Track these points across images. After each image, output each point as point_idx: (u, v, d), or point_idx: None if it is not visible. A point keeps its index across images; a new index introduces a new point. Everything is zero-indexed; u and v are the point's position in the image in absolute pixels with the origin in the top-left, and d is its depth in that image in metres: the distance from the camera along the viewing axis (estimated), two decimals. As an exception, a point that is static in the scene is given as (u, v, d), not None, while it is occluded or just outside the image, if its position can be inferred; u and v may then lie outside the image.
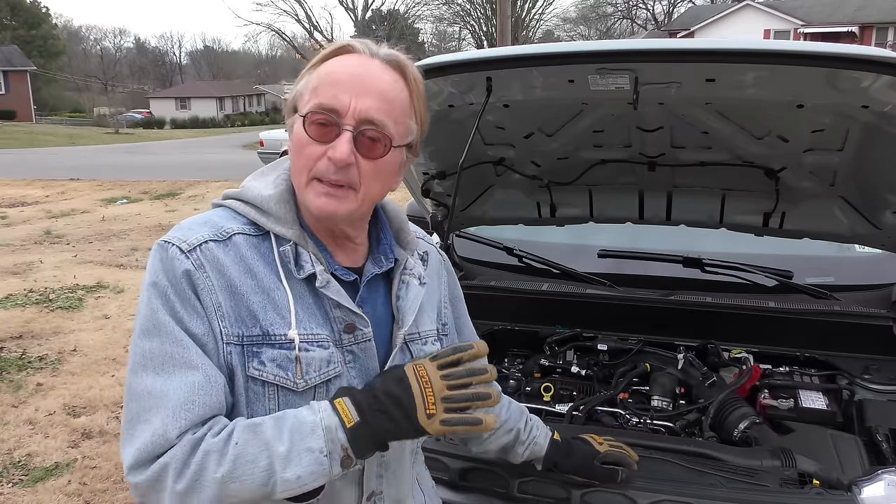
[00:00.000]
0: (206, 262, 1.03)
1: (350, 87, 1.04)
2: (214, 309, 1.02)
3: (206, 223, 1.09)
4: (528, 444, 1.46)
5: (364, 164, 1.05)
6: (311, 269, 1.07)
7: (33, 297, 6.65)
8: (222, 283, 1.03)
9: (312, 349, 1.06)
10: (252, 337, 1.04)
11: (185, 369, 0.99)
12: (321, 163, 1.04)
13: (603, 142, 2.33)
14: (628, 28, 50.91)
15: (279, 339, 1.05)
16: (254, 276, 1.06)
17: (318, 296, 1.08)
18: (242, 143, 29.56)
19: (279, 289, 1.06)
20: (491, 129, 2.35)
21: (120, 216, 11.71)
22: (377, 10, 50.43)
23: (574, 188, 2.53)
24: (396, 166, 1.12)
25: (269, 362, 1.04)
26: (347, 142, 1.03)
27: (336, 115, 1.03)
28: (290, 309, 1.06)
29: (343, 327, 1.10)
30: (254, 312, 1.04)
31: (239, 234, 1.08)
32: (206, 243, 1.05)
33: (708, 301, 2.29)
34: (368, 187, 1.07)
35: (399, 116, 1.08)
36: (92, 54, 76.61)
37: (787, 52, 1.78)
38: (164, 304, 1.01)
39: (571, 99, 2.11)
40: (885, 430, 1.76)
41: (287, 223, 1.09)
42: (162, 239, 1.07)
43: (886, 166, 2.03)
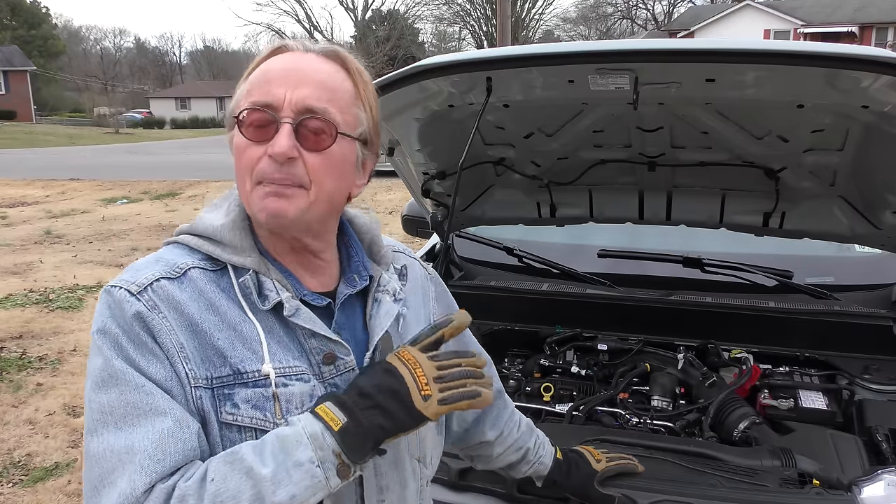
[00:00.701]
0: (159, 301, 0.93)
1: (284, 79, 0.96)
2: (176, 350, 0.92)
3: (158, 261, 0.99)
4: (534, 464, 1.44)
5: (310, 158, 0.95)
6: (276, 297, 0.97)
7: (33, 297, 6.66)
8: (181, 322, 0.93)
9: (291, 383, 0.96)
10: (222, 378, 0.93)
11: (151, 417, 0.88)
12: (262, 163, 0.95)
13: (603, 142, 2.33)
14: (628, 28, 50.94)
15: (252, 377, 0.94)
16: (216, 311, 0.95)
17: (290, 327, 0.99)
18: (242, 143, 29.48)
19: (245, 321, 0.96)
20: (491, 129, 2.35)
21: (120, 216, 11.71)
22: (377, 10, 50.46)
23: (574, 188, 2.53)
24: (351, 161, 1.02)
25: (244, 404, 0.93)
26: (287, 135, 0.93)
27: (272, 109, 0.95)
28: (260, 341, 0.95)
29: (321, 358, 1.00)
30: (221, 350, 0.94)
31: (195, 269, 0.98)
32: (157, 281, 0.95)
33: (708, 301, 2.29)
34: (319, 184, 0.97)
35: (344, 105, 0.98)
36: (92, 54, 76.60)
37: (787, 52, 1.78)
38: (117, 352, 0.91)
39: (571, 99, 2.11)
40: (885, 430, 1.76)
41: (244, 251, 0.99)
42: (109, 283, 0.97)
43: (886, 166, 2.03)
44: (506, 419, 1.40)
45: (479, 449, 1.41)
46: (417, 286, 1.21)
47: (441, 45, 51.41)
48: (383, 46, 42.79)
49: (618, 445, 1.67)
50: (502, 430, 1.39)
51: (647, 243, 2.71)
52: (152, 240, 9.60)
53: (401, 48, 43.64)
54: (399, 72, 1.98)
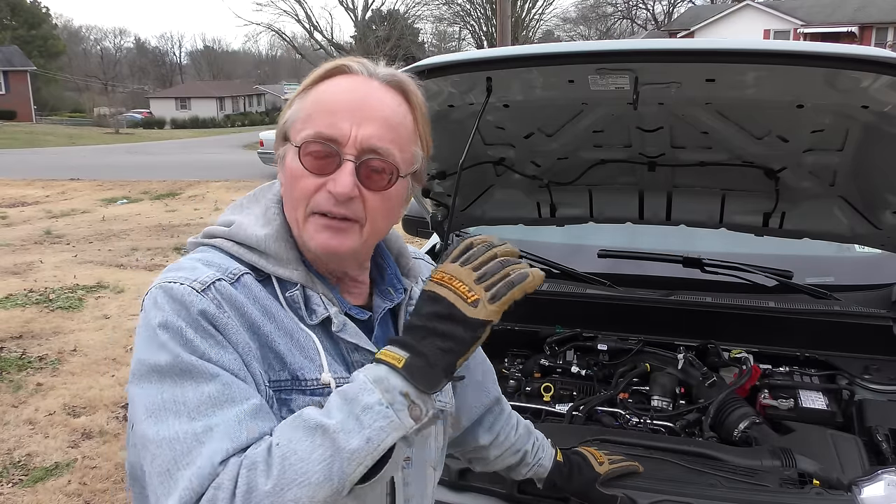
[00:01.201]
0: (223, 300, 0.91)
1: (349, 113, 0.94)
2: (248, 349, 0.91)
3: (209, 263, 0.96)
4: (533, 466, 1.44)
5: (369, 197, 0.96)
6: (324, 312, 0.98)
7: (33, 297, 6.66)
8: (244, 323, 0.92)
9: None
10: (280, 382, 0.93)
11: (230, 404, 0.86)
12: (320, 195, 0.95)
13: (603, 142, 2.33)
14: (628, 28, 50.95)
15: (311, 385, 0.94)
16: (272, 317, 0.95)
17: (335, 340, 0.99)
18: (242, 143, 29.56)
19: (301, 331, 0.96)
20: (491, 129, 2.35)
21: (120, 216, 11.71)
22: (377, 10, 50.45)
23: (574, 188, 2.53)
24: (403, 197, 1.03)
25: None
26: (350, 174, 0.93)
27: (336, 144, 0.94)
28: (318, 351, 0.96)
29: None
30: (280, 354, 0.94)
31: (247, 275, 0.96)
32: (219, 281, 0.93)
33: (708, 301, 2.29)
34: (374, 222, 0.98)
35: (404, 144, 0.99)
36: (92, 54, 76.64)
37: (787, 52, 1.78)
38: (185, 346, 0.88)
39: (571, 99, 2.11)
40: (885, 430, 1.76)
41: (290, 264, 0.98)
42: (162, 281, 0.93)
43: (886, 166, 2.03)
44: (501, 424, 1.40)
45: (475, 452, 1.41)
46: None
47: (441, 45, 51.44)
48: (383, 46, 42.77)
49: (618, 445, 1.68)
50: (497, 434, 1.39)
51: (646, 243, 2.70)
52: (152, 240, 9.60)
53: (401, 48, 43.63)
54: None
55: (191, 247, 1.03)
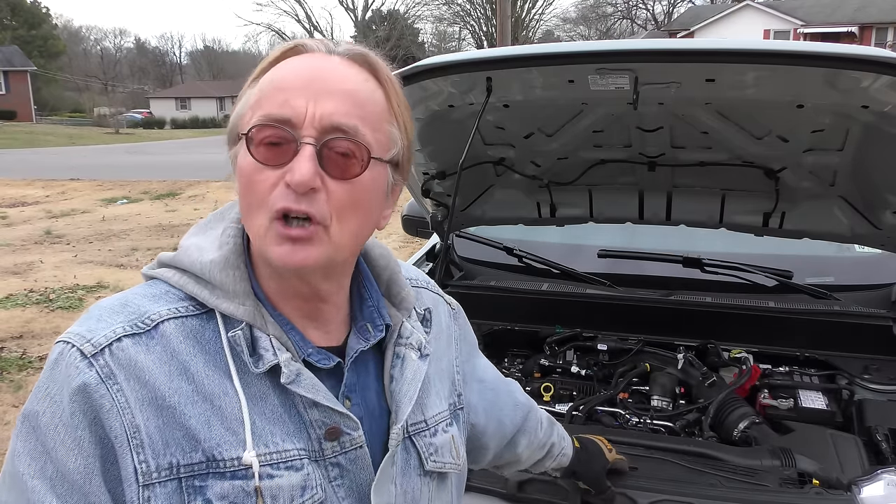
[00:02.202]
0: (117, 368, 0.75)
1: (305, 88, 0.77)
2: (128, 437, 0.73)
3: (125, 307, 0.80)
4: (558, 457, 1.37)
5: (335, 189, 0.77)
6: (272, 358, 0.79)
7: (33, 297, 6.66)
8: (142, 396, 0.74)
9: (279, 473, 0.78)
10: (192, 466, 0.75)
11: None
12: (277, 192, 0.76)
13: (603, 142, 2.33)
14: (628, 28, 50.97)
15: (230, 466, 0.76)
16: (190, 378, 0.77)
17: (287, 394, 0.80)
18: (242, 143, 29.50)
19: (227, 393, 0.77)
20: (491, 129, 2.35)
21: (120, 216, 11.71)
22: (377, 10, 50.49)
23: (574, 188, 2.53)
24: (381, 192, 0.84)
25: (218, 500, 0.75)
26: (309, 158, 0.75)
27: (290, 126, 0.76)
28: (243, 420, 0.77)
29: (324, 433, 0.81)
30: (192, 431, 0.75)
31: (169, 321, 0.79)
32: (118, 341, 0.76)
33: (708, 301, 2.28)
34: (343, 220, 0.78)
35: (376, 121, 0.81)
36: (92, 54, 76.63)
37: (787, 53, 1.78)
38: (29, 445, 0.75)
39: (571, 99, 2.11)
40: (884, 429, 1.76)
41: (237, 297, 0.80)
42: (61, 337, 0.79)
43: (886, 166, 2.03)
44: (533, 424, 1.30)
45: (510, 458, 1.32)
46: (442, 330, 1.03)
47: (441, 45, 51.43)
48: (383, 46, 42.67)
49: (618, 445, 1.67)
50: (530, 435, 1.30)
51: (646, 243, 2.71)
52: (152, 240, 9.60)
53: (401, 48, 43.66)
54: (399, 72, 1.98)
55: (143, 278, 0.89)
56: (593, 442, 1.49)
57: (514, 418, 1.24)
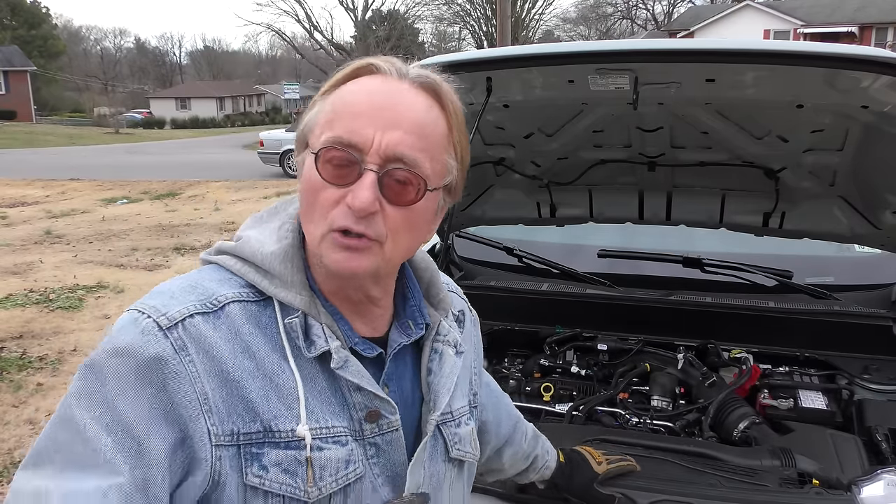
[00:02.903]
0: (189, 341, 0.81)
1: (373, 116, 0.84)
2: (200, 402, 0.80)
3: (194, 288, 0.86)
4: (541, 469, 1.44)
5: (391, 213, 0.85)
6: (324, 345, 0.87)
7: (33, 297, 6.66)
8: (210, 369, 0.81)
9: (327, 447, 0.86)
10: (251, 434, 0.82)
11: (87, 473, 0.76)
12: (338, 210, 0.84)
13: (603, 142, 2.33)
14: (628, 28, 50.98)
15: (285, 437, 0.84)
16: (252, 355, 0.84)
17: (334, 377, 0.88)
18: (242, 143, 29.55)
19: (284, 371, 0.86)
20: (491, 129, 2.35)
21: (120, 216, 11.71)
22: (377, 10, 50.48)
23: (574, 188, 2.54)
24: (432, 213, 0.92)
25: (273, 467, 0.83)
26: (370, 186, 0.82)
27: (356, 151, 0.83)
28: (298, 398, 0.85)
29: (364, 415, 0.89)
30: (252, 403, 0.83)
31: (234, 303, 0.86)
32: (191, 318, 0.83)
33: (708, 301, 2.28)
34: (397, 240, 0.87)
35: (435, 152, 0.87)
36: (92, 54, 76.68)
37: (787, 53, 1.78)
38: (92, 393, 0.79)
39: (571, 99, 2.12)
40: (884, 430, 1.76)
41: (294, 287, 0.88)
42: (136, 306, 0.84)
43: (886, 166, 2.03)
44: (519, 436, 1.37)
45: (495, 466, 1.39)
46: (469, 332, 1.12)
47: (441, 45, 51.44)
48: (383, 46, 42.77)
49: (618, 445, 1.68)
50: (515, 446, 1.37)
51: (646, 243, 2.71)
52: (152, 240, 9.60)
53: (401, 48, 43.65)
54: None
55: (200, 264, 0.96)
56: (581, 455, 1.50)
57: (507, 425, 1.33)
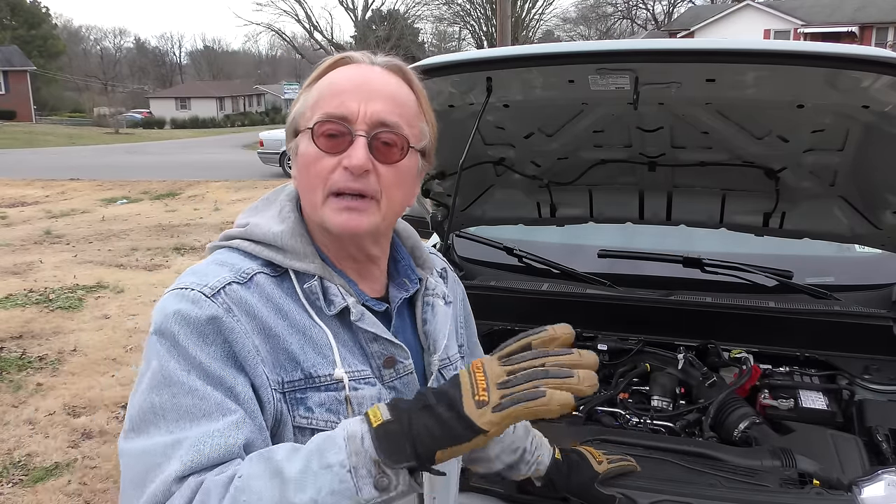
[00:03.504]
0: (233, 304, 0.93)
1: (357, 92, 0.99)
2: (256, 353, 0.92)
3: (223, 265, 0.98)
4: (532, 464, 1.43)
5: (383, 171, 0.99)
6: (342, 302, 0.99)
7: (33, 297, 6.66)
8: (254, 326, 0.93)
9: (361, 387, 0.98)
10: (294, 382, 0.95)
11: (203, 419, 0.87)
12: (336, 174, 0.97)
13: (603, 142, 2.33)
14: (628, 28, 50.97)
15: (325, 381, 0.96)
16: (284, 315, 0.97)
17: (353, 331, 1.01)
18: (242, 143, 29.55)
19: (314, 326, 0.98)
20: (491, 129, 2.35)
21: (120, 216, 11.71)
22: (377, 10, 50.46)
23: (574, 188, 2.53)
24: (415, 173, 1.06)
25: (318, 407, 0.95)
26: (363, 147, 0.96)
27: (346, 122, 0.97)
28: (331, 346, 0.97)
29: (382, 362, 1.02)
30: (293, 355, 0.95)
31: (260, 274, 0.98)
32: (229, 285, 0.94)
33: (708, 301, 2.28)
34: (390, 196, 1.01)
35: (411, 119, 1.03)
36: (92, 54, 76.65)
37: (787, 53, 1.78)
38: (175, 352, 0.89)
39: (571, 99, 2.11)
40: (885, 430, 1.76)
41: (307, 257, 1.01)
42: (175, 286, 0.95)
43: (886, 166, 2.03)
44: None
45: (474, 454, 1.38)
46: (452, 287, 1.25)
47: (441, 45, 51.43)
48: (383, 46, 42.64)
49: (618, 445, 1.67)
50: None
51: (646, 243, 2.70)
52: (152, 240, 9.60)
53: (401, 48, 43.62)
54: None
55: (209, 252, 1.06)
56: (581, 454, 1.50)
57: None
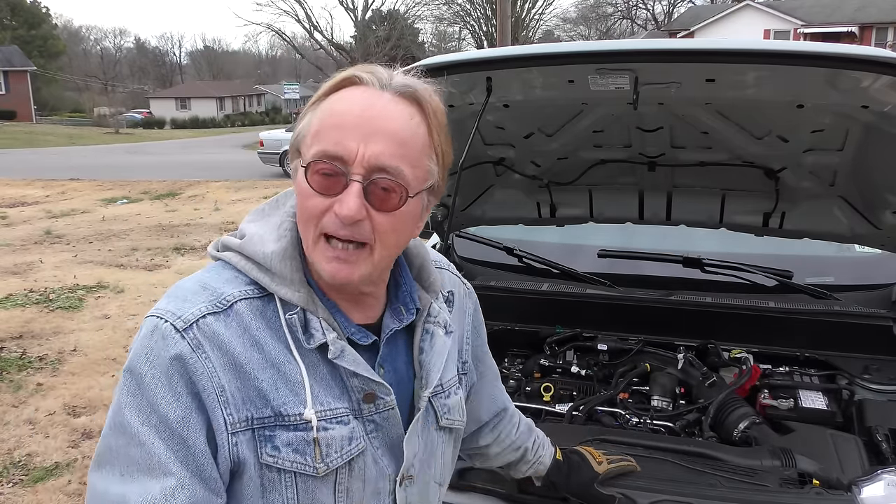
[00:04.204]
0: (204, 340, 0.90)
1: (357, 129, 0.90)
2: (216, 394, 0.89)
3: (205, 289, 0.95)
4: (533, 463, 1.44)
5: (378, 218, 0.92)
6: (321, 338, 0.95)
7: (33, 297, 6.66)
8: (225, 362, 0.90)
9: (332, 427, 0.95)
10: (263, 419, 0.92)
11: (149, 476, 0.87)
12: (327, 218, 0.91)
13: (603, 142, 2.33)
14: (628, 28, 50.98)
15: (294, 420, 0.93)
16: (260, 348, 0.93)
17: (334, 365, 0.97)
18: (242, 143, 29.55)
19: (290, 362, 0.94)
20: (491, 129, 2.35)
21: (120, 216, 11.71)
22: (377, 10, 50.44)
23: (574, 188, 2.53)
24: (417, 215, 0.99)
25: (285, 447, 0.93)
26: (356, 195, 0.89)
27: (342, 163, 0.90)
28: (304, 384, 0.94)
29: (362, 397, 0.98)
30: (263, 391, 0.92)
31: (241, 301, 0.94)
32: (203, 318, 0.91)
33: (708, 301, 2.28)
34: (384, 243, 0.94)
35: (416, 159, 0.94)
36: (92, 54, 76.66)
37: (787, 53, 1.78)
38: (137, 397, 0.89)
39: (571, 99, 2.11)
40: (885, 430, 1.76)
41: (293, 285, 0.95)
42: (153, 312, 0.93)
43: (886, 166, 2.03)
44: (504, 424, 1.41)
45: (476, 450, 1.42)
46: (460, 306, 1.20)
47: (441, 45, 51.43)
48: (383, 46, 42.78)
49: (618, 445, 1.68)
50: (499, 433, 1.40)
51: (646, 243, 2.70)
52: (152, 240, 9.60)
53: (401, 48, 43.62)
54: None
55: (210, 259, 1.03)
56: (581, 455, 1.50)
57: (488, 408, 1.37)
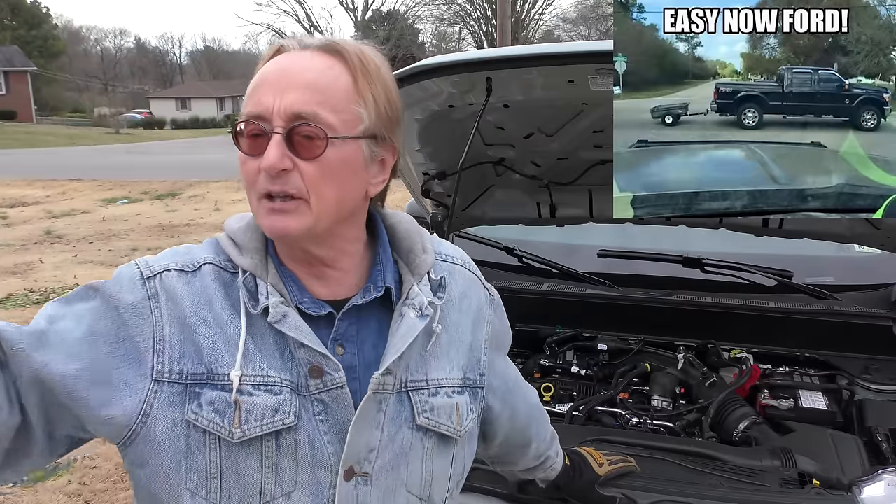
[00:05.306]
0: (161, 290, 0.93)
1: (273, 85, 0.90)
2: (154, 341, 0.91)
3: (186, 253, 0.99)
4: (548, 470, 1.42)
5: (305, 168, 0.89)
6: (264, 301, 0.92)
7: (33, 297, 6.66)
8: (173, 314, 0.92)
9: (257, 394, 0.91)
10: (196, 375, 0.91)
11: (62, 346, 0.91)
12: (261, 177, 0.91)
13: (603, 142, 2.33)
14: (628, 28, 50.83)
15: (221, 380, 0.91)
16: (211, 307, 0.93)
17: (282, 335, 0.93)
18: (243, 143, 29.49)
19: (234, 323, 0.93)
20: (491, 129, 2.35)
21: (120, 216, 11.71)
22: (377, 10, 50.46)
23: (574, 188, 2.54)
24: (355, 163, 0.94)
25: (207, 405, 0.90)
26: (276, 145, 0.88)
27: (263, 120, 0.90)
28: (238, 345, 0.92)
29: (308, 370, 0.93)
30: (200, 348, 0.91)
31: (209, 265, 0.96)
32: (168, 272, 0.94)
33: (708, 301, 2.28)
34: (320, 195, 0.90)
35: (338, 103, 0.91)
36: (92, 54, 76.59)
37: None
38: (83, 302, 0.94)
39: (571, 99, 2.11)
40: (885, 430, 1.76)
41: (248, 252, 0.96)
42: (138, 259, 0.99)
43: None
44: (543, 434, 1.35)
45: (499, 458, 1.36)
46: (470, 306, 1.10)
47: (441, 45, 51.40)
48: (383, 46, 42.62)
49: (618, 445, 1.68)
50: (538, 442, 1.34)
51: (646, 243, 2.71)
52: (152, 240, 9.60)
53: (401, 48, 43.59)
54: (399, 72, 1.98)
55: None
56: (582, 457, 1.49)
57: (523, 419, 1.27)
